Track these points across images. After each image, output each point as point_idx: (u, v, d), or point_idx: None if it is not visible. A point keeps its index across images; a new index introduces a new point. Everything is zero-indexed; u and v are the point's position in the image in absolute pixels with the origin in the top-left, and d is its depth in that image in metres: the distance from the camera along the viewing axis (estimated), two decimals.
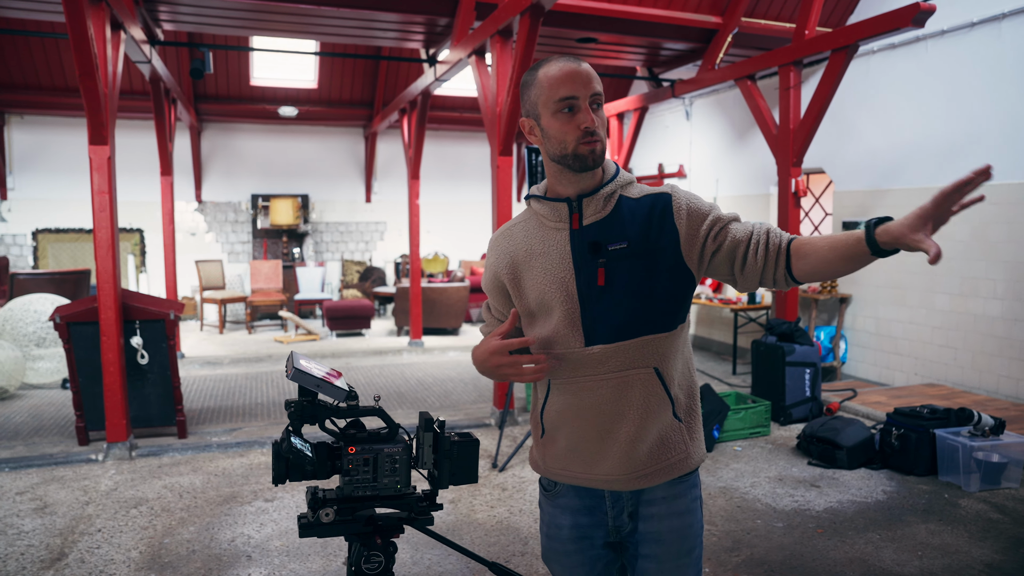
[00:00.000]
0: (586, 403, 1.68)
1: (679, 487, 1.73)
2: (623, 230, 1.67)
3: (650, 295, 1.65)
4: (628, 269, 1.65)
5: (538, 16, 5.24)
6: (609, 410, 1.67)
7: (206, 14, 6.99)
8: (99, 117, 5.06)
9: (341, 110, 11.80)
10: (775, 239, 1.62)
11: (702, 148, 10.09)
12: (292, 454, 1.50)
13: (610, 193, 1.70)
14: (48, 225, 11.10)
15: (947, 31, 6.57)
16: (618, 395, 1.66)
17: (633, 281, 1.65)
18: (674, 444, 1.69)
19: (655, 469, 1.68)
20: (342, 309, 10.33)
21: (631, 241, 1.66)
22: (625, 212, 1.68)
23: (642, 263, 1.65)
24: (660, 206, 1.67)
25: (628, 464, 1.67)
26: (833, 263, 1.54)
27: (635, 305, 1.64)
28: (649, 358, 1.66)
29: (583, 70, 1.64)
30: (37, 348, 7.37)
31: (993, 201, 6.24)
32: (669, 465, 1.69)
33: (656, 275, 1.65)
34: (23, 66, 9.92)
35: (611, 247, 1.65)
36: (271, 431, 5.83)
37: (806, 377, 6.09)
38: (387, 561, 1.59)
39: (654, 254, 1.65)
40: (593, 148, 1.64)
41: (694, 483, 1.77)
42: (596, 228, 1.68)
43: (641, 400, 1.66)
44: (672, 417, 1.69)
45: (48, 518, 4.14)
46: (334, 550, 3.71)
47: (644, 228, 1.66)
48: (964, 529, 4.00)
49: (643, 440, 1.66)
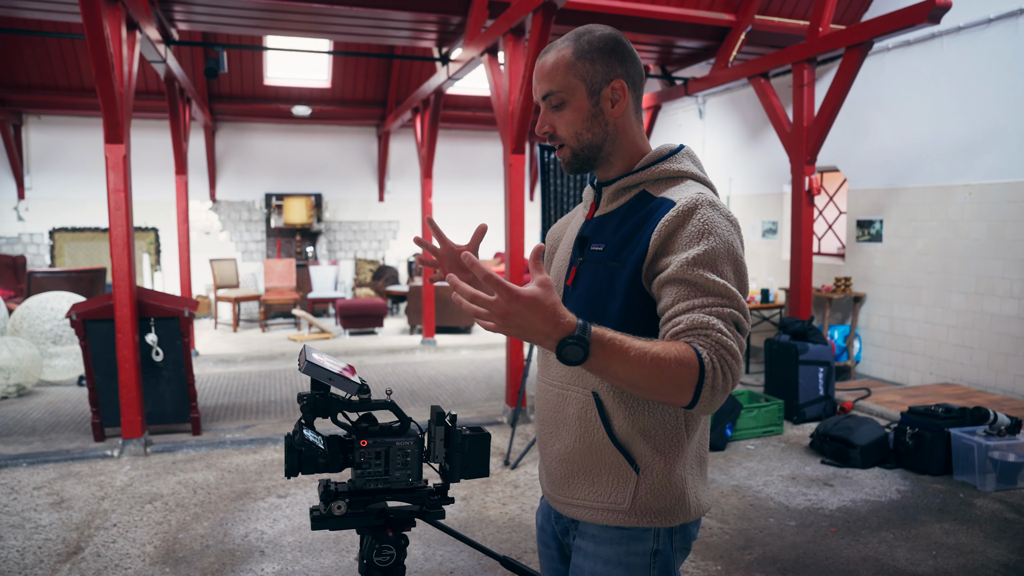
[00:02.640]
0: (540, 406, 1.59)
1: (612, 532, 1.45)
2: (612, 231, 1.46)
3: (601, 311, 1.42)
4: (592, 276, 1.46)
5: (551, 14, 5.24)
6: (550, 419, 1.54)
7: (220, 14, 7.04)
8: (115, 116, 5.10)
9: (354, 109, 11.84)
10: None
11: (715, 147, 10.06)
12: (304, 447, 1.50)
13: (628, 185, 1.48)
14: (64, 224, 11.20)
15: (963, 28, 6.52)
16: (557, 408, 1.52)
17: (592, 289, 1.45)
18: (610, 492, 1.43)
19: (583, 505, 1.47)
20: (355, 308, 10.37)
21: (608, 245, 1.45)
22: (630, 211, 1.46)
23: (606, 272, 1.43)
24: (658, 214, 1.39)
25: (559, 486, 1.52)
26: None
27: (585, 318, 1.33)
28: (588, 379, 1.44)
29: (538, 68, 1.47)
30: (54, 345, 7.44)
31: (1010, 199, 6.19)
32: (597, 509, 1.45)
33: (613, 291, 1.42)
34: (40, 67, 10.02)
35: (593, 246, 1.49)
36: (284, 428, 5.86)
37: (819, 376, 6.06)
38: (399, 554, 1.59)
39: (619, 265, 1.41)
40: (560, 155, 1.50)
41: (637, 537, 1.44)
42: (597, 222, 1.52)
43: (575, 421, 1.47)
44: (618, 460, 1.43)
45: (65, 512, 4.18)
46: (346, 545, 3.73)
47: (629, 234, 1.43)
48: (979, 529, 3.97)
49: (574, 466, 1.48)
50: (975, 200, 6.49)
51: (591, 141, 1.47)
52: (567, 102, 1.45)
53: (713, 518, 4.13)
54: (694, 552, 3.70)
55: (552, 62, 1.45)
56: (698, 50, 8.36)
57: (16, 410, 6.40)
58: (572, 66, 1.44)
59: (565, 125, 1.46)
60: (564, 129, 1.46)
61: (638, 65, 1.49)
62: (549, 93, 1.45)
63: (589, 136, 1.46)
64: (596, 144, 1.47)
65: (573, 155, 1.48)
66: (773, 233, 9.08)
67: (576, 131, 1.46)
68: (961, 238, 6.65)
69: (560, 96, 1.45)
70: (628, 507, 1.42)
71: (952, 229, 6.72)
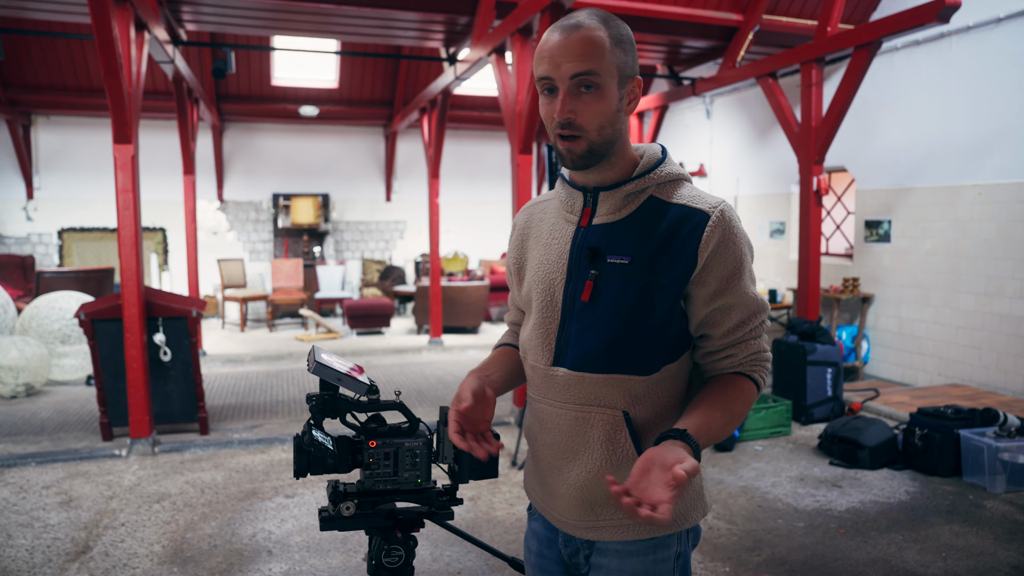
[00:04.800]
0: (546, 429, 1.47)
1: (638, 545, 1.42)
2: (634, 241, 1.35)
3: (637, 328, 1.34)
4: (620, 289, 1.34)
5: (558, 14, 5.23)
6: (565, 446, 1.43)
7: (228, 14, 7.06)
8: (123, 116, 5.12)
9: (361, 109, 11.86)
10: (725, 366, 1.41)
11: (723, 147, 10.03)
12: (313, 447, 1.50)
13: (636, 191, 1.37)
14: (73, 224, 11.25)
15: (972, 27, 6.48)
16: (575, 432, 1.41)
17: (621, 306, 1.34)
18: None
19: (609, 525, 1.42)
20: (362, 308, 10.38)
21: (636, 257, 1.33)
22: (647, 218, 1.35)
23: (638, 286, 1.33)
24: (690, 224, 1.32)
25: (578, 511, 1.44)
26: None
27: (615, 335, 1.35)
28: (617, 399, 1.37)
29: (570, 41, 1.27)
30: (62, 345, 7.47)
31: (1019, 199, 6.15)
32: (627, 525, 1.41)
33: (652, 306, 1.33)
34: (49, 67, 10.07)
35: (611, 259, 1.35)
36: (292, 428, 5.87)
37: (828, 377, 6.04)
38: (407, 555, 1.59)
39: (659, 280, 1.33)
40: (570, 147, 1.32)
41: (662, 543, 1.43)
42: (604, 231, 1.37)
43: (601, 445, 1.38)
44: None
45: (73, 512, 4.20)
46: (354, 546, 3.73)
47: (660, 245, 1.33)
48: (989, 531, 3.95)
49: (598, 491, 1.40)
50: (984, 200, 6.46)
51: (611, 137, 1.33)
52: (601, 89, 1.28)
53: (721, 519, 4.12)
54: (703, 553, 3.69)
55: (587, 40, 1.26)
56: (706, 50, 8.35)
57: (25, 409, 6.43)
58: (611, 51, 1.28)
59: (591, 115, 1.29)
60: (589, 119, 1.29)
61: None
62: (584, 73, 1.26)
63: (611, 131, 1.32)
64: (612, 141, 1.34)
65: (590, 150, 1.32)
66: (781, 233, 9.06)
67: (600, 123, 1.30)
68: (970, 238, 6.61)
69: (596, 80, 1.27)
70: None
71: (961, 229, 6.69)
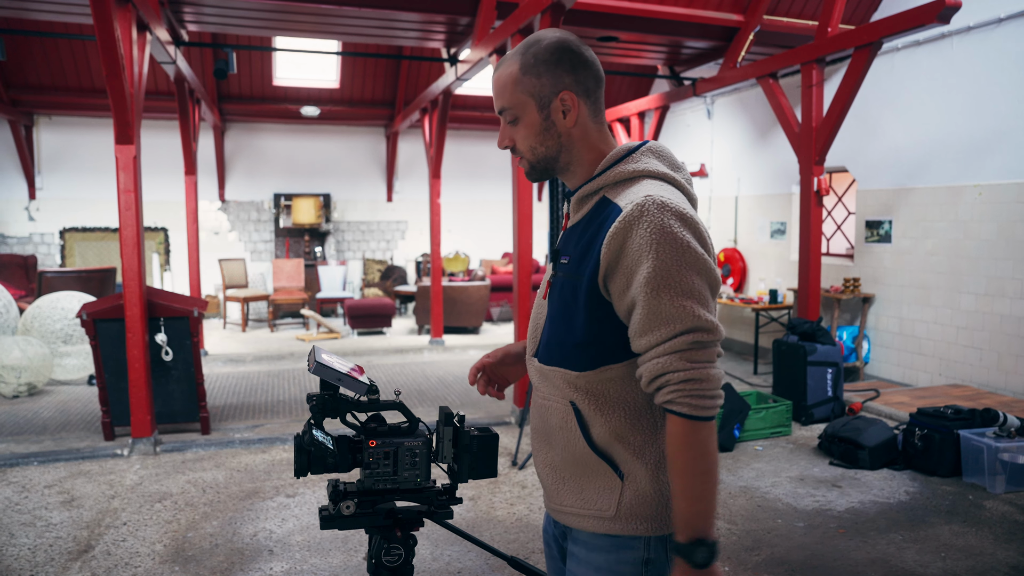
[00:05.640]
0: (532, 415, 1.60)
1: (601, 540, 1.45)
2: (575, 242, 1.45)
3: (567, 324, 1.44)
4: (560, 289, 1.46)
5: (559, 15, 5.25)
6: (539, 431, 1.56)
7: (230, 15, 7.07)
8: (125, 117, 5.13)
9: (363, 110, 11.87)
10: (657, 386, 1.33)
11: (723, 147, 10.04)
12: (314, 447, 1.52)
13: (588, 193, 1.47)
14: (75, 224, 11.27)
15: (973, 27, 6.48)
16: (543, 418, 1.53)
17: (560, 303, 1.46)
18: (596, 499, 1.44)
19: (571, 513, 1.48)
20: (363, 308, 10.40)
21: (572, 257, 1.45)
22: (591, 219, 1.44)
23: (571, 285, 1.43)
24: (608, 221, 1.37)
25: (549, 493, 1.54)
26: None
27: (554, 330, 1.47)
28: (564, 390, 1.46)
29: (494, 81, 1.49)
30: (64, 345, 7.48)
31: (1020, 200, 6.16)
32: (584, 516, 1.46)
33: (577, 304, 1.41)
34: (51, 68, 10.09)
35: (562, 259, 1.48)
36: (293, 428, 5.88)
37: (828, 377, 6.05)
38: (407, 554, 1.60)
39: (580, 278, 1.41)
40: (522, 166, 1.52)
41: (626, 545, 1.43)
42: (566, 234, 1.51)
43: (559, 432, 1.48)
44: (602, 468, 1.43)
45: (75, 511, 4.21)
46: (354, 545, 3.74)
47: (587, 244, 1.41)
48: (989, 531, 3.96)
49: (561, 473, 1.50)
50: (985, 200, 6.46)
51: (545, 154, 1.48)
52: (519, 117, 1.47)
53: (721, 519, 4.13)
54: None
55: (500, 81, 1.47)
56: (706, 50, 8.35)
57: (27, 409, 6.45)
58: (519, 82, 1.45)
59: (521, 139, 1.48)
60: (521, 143, 1.49)
61: (592, 69, 1.46)
62: (502, 109, 1.48)
63: (543, 149, 1.48)
64: (551, 156, 1.49)
65: (531, 167, 1.51)
66: (782, 234, 9.06)
67: (531, 145, 1.48)
68: (971, 239, 6.62)
69: (512, 112, 1.47)
70: (614, 514, 1.42)
71: (962, 230, 6.69)
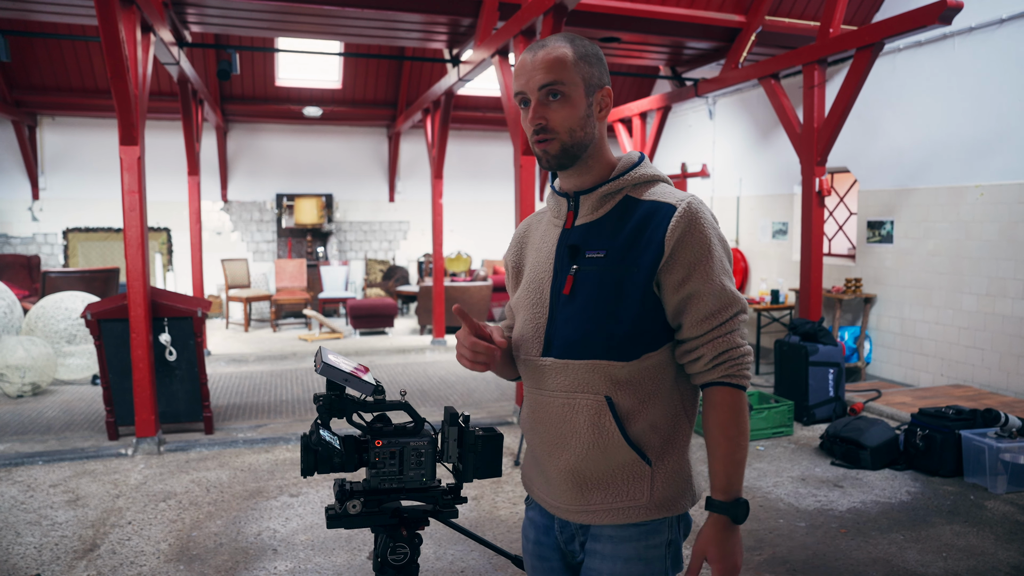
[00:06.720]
0: (539, 418, 1.56)
1: (630, 530, 1.49)
2: (609, 237, 1.49)
3: (612, 315, 1.45)
4: (596, 282, 1.47)
5: (561, 16, 5.26)
6: (555, 432, 1.52)
7: (233, 16, 7.09)
8: (129, 118, 5.16)
9: (365, 110, 11.89)
10: (703, 368, 1.48)
11: (725, 147, 10.05)
12: (321, 446, 1.53)
13: (611, 192, 1.52)
14: (78, 224, 11.30)
15: (975, 28, 6.49)
16: (564, 418, 1.49)
17: (598, 296, 1.46)
18: (628, 489, 1.47)
19: (600, 509, 1.49)
20: (366, 308, 10.42)
21: (610, 250, 1.47)
22: (622, 215, 1.49)
23: (613, 277, 1.45)
24: (658, 216, 1.45)
25: (571, 496, 1.51)
26: (707, 438, 1.49)
27: (592, 324, 1.46)
28: (599, 385, 1.46)
29: (536, 59, 1.47)
30: (68, 345, 7.51)
31: (1022, 200, 6.16)
32: (617, 509, 1.48)
33: (625, 295, 1.44)
34: (55, 68, 10.11)
35: (589, 254, 1.49)
36: (296, 427, 5.90)
37: (830, 377, 6.06)
38: (412, 553, 1.62)
39: (630, 270, 1.45)
40: (545, 148, 1.49)
41: (655, 530, 1.50)
42: (583, 230, 1.52)
43: (588, 430, 1.47)
44: (632, 457, 1.47)
45: (80, 510, 4.23)
46: (358, 544, 3.76)
47: (631, 238, 1.46)
48: (990, 531, 3.97)
49: (587, 474, 1.49)
50: (987, 201, 6.47)
51: (582, 139, 1.49)
52: (567, 96, 1.46)
53: None
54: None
55: (553, 56, 1.46)
56: (708, 51, 8.36)
57: (31, 409, 6.47)
58: (576, 64, 1.47)
59: (561, 119, 1.46)
60: (559, 123, 1.47)
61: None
62: (550, 83, 1.45)
63: (581, 134, 1.49)
64: (584, 144, 1.50)
65: (563, 149, 1.48)
66: (783, 234, 9.07)
67: (571, 127, 1.47)
68: (973, 239, 6.62)
69: (562, 89, 1.46)
70: (647, 501, 1.48)
71: (963, 230, 6.70)
